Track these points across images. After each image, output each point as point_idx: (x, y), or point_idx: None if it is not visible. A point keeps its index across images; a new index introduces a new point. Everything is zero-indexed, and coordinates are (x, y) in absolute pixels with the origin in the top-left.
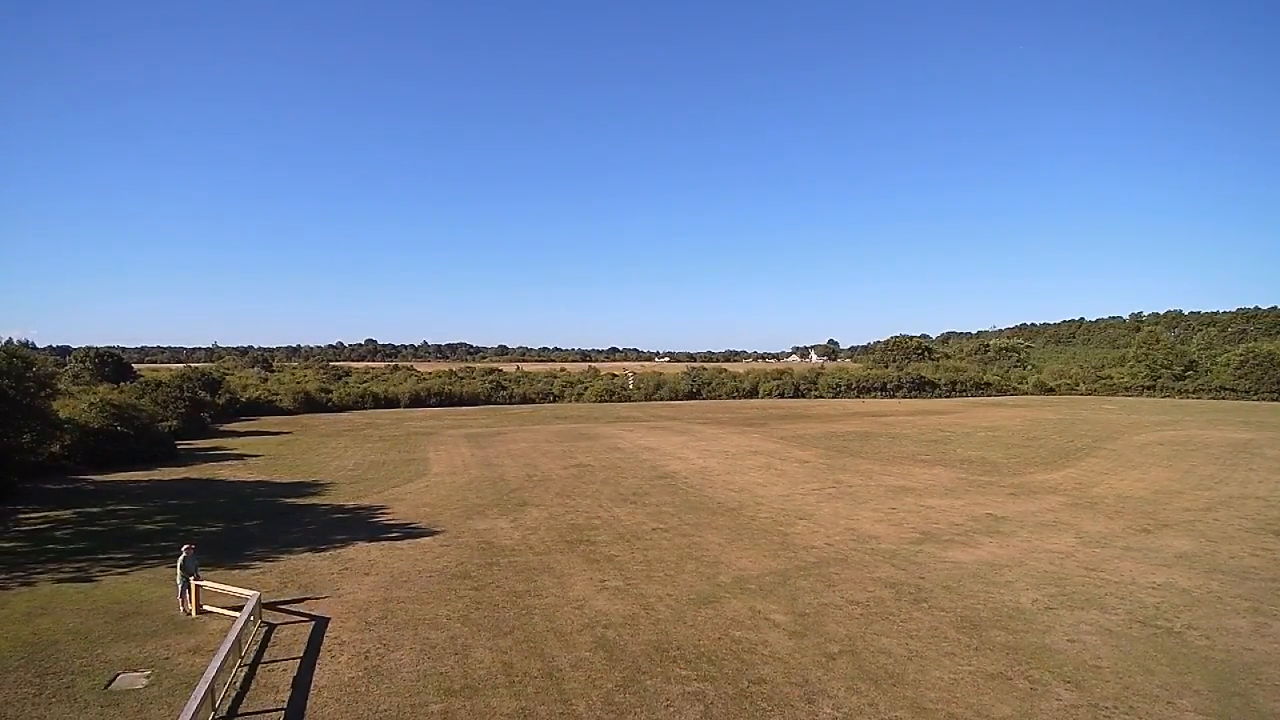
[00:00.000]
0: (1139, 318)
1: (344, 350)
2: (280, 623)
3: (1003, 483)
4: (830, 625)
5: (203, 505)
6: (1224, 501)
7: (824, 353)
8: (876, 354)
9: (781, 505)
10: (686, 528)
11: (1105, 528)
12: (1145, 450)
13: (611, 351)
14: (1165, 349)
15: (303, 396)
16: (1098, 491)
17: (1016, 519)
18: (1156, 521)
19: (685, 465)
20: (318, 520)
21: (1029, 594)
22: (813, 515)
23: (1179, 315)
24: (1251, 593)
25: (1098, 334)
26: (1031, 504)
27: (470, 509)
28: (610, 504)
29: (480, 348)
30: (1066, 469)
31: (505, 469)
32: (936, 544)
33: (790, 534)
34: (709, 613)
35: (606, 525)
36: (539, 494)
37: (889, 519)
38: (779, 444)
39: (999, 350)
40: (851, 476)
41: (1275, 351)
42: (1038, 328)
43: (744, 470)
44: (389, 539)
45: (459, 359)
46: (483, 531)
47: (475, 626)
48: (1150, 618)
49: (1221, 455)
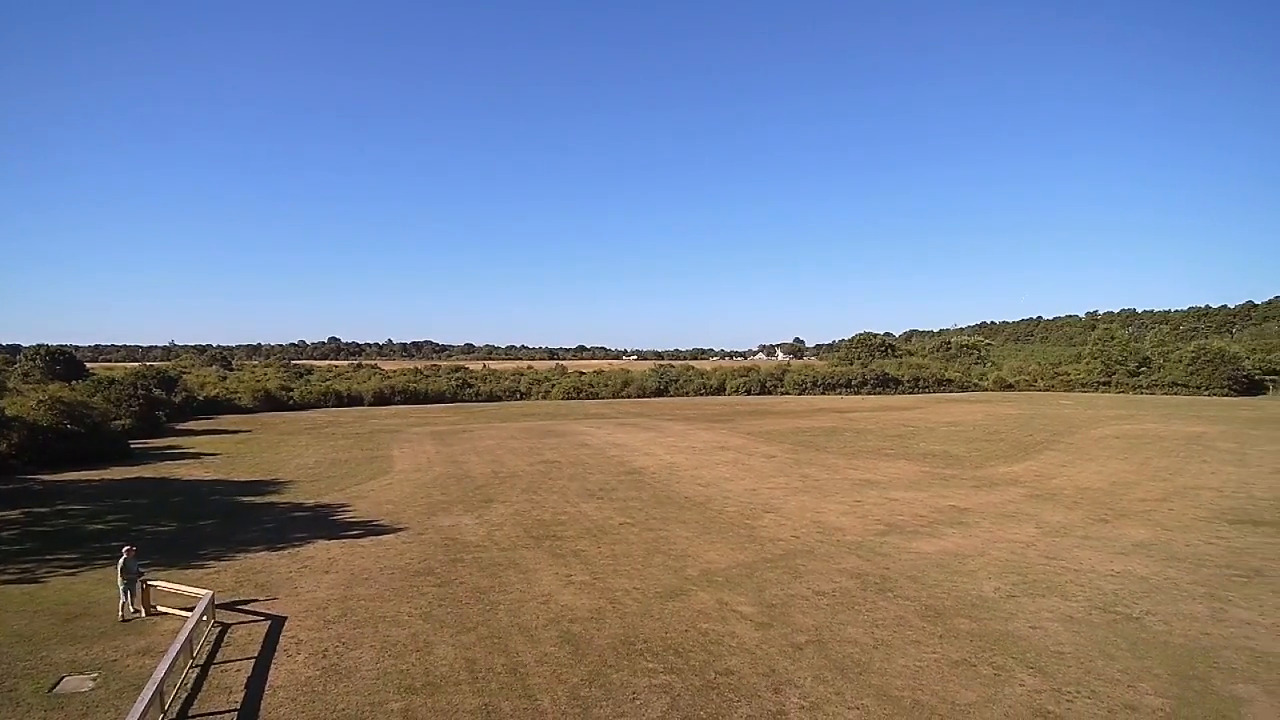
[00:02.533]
0: (1095, 316)
1: (306, 349)
2: (235, 622)
3: (965, 476)
4: (797, 616)
5: (156, 505)
6: (1179, 492)
7: (790, 351)
8: (842, 352)
9: (748, 499)
10: (654, 522)
11: (1064, 518)
12: (1102, 444)
13: (579, 350)
14: (1120, 346)
15: (263, 395)
16: (1057, 483)
17: (979, 510)
18: (1114, 512)
19: (653, 461)
20: (276, 519)
21: (992, 583)
22: (779, 509)
23: (1133, 314)
24: (1207, 579)
25: (1055, 332)
26: (993, 496)
27: (434, 506)
28: (577, 500)
29: (446, 346)
30: (1026, 462)
31: (471, 466)
32: (901, 535)
33: (757, 527)
34: (676, 605)
35: (573, 521)
36: (505, 490)
37: (854, 511)
38: (746, 440)
39: (960, 348)
40: (817, 471)
41: (1225, 349)
42: (998, 326)
43: (711, 465)
44: (350, 537)
45: (425, 357)
46: (447, 528)
47: (438, 623)
48: (1110, 604)
49: (1176, 448)
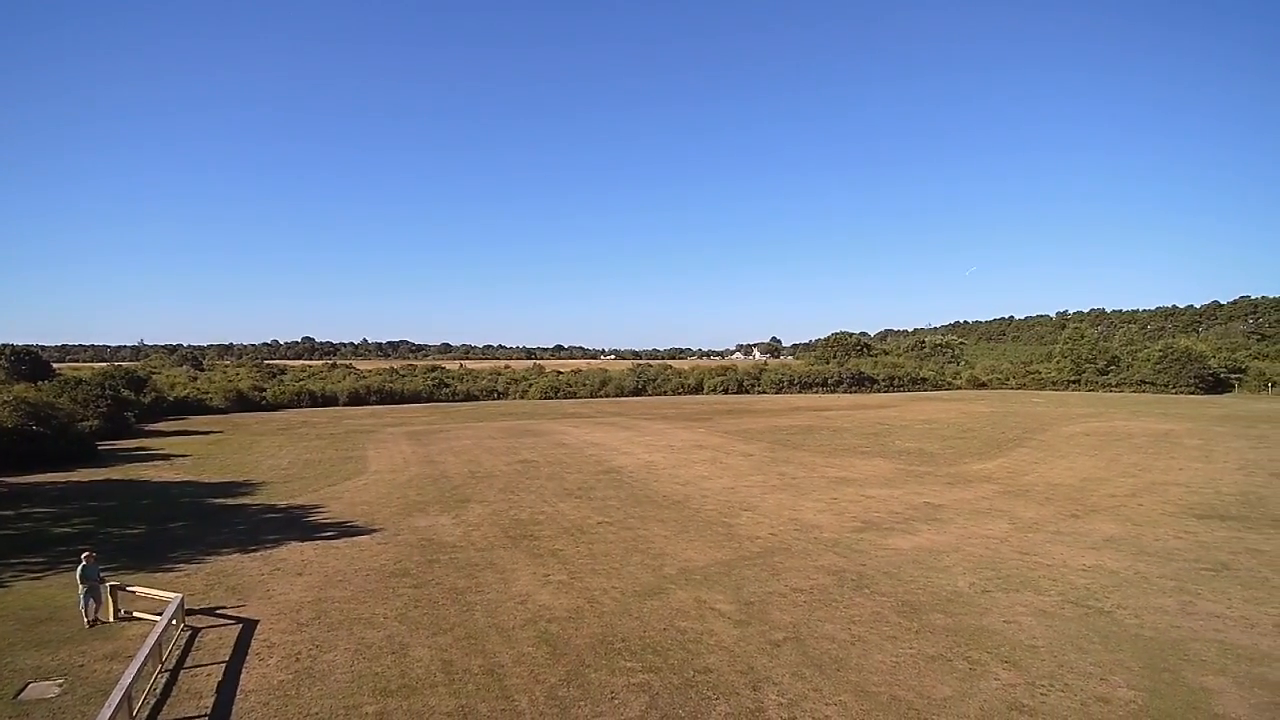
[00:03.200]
0: (1064, 316)
1: (280, 348)
2: (205, 626)
3: (939, 473)
4: (775, 613)
5: (125, 507)
6: (1147, 488)
7: (767, 350)
8: (818, 350)
9: (726, 498)
10: (632, 521)
11: (1036, 514)
12: (1072, 441)
13: (557, 349)
14: (1089, 345)
15: (235, 395)
16: (1029, 480)
17: (953, 507)
18: (1085, 507)
19: (631, 460)
20: (248, 521)
21: (966, 578)
22: (757, 507)
23: (1102, 313)
24: (1176, 573)
25: (1026, 331)
26: (967, 492)
27: (410, 506)
28: (555, 499)
29: (423, 345)
30: (999, 459)
31: (447, 466)
32: (877, 532)
33: (735, 525)
34: (654, 604)
35: (551, 520)
36: (482, 490)
37: (831, 509)
38: (724, 438)
39: (934, 347)
40: (794, 469)
41: (1192, 348)
42: (970, 325)
43: (689, 464)
44: (324, 538)
45: (400, 357)
46: (423, 529)
47: (414, 625)
48: (1082, 598)
49: (1144, 445)
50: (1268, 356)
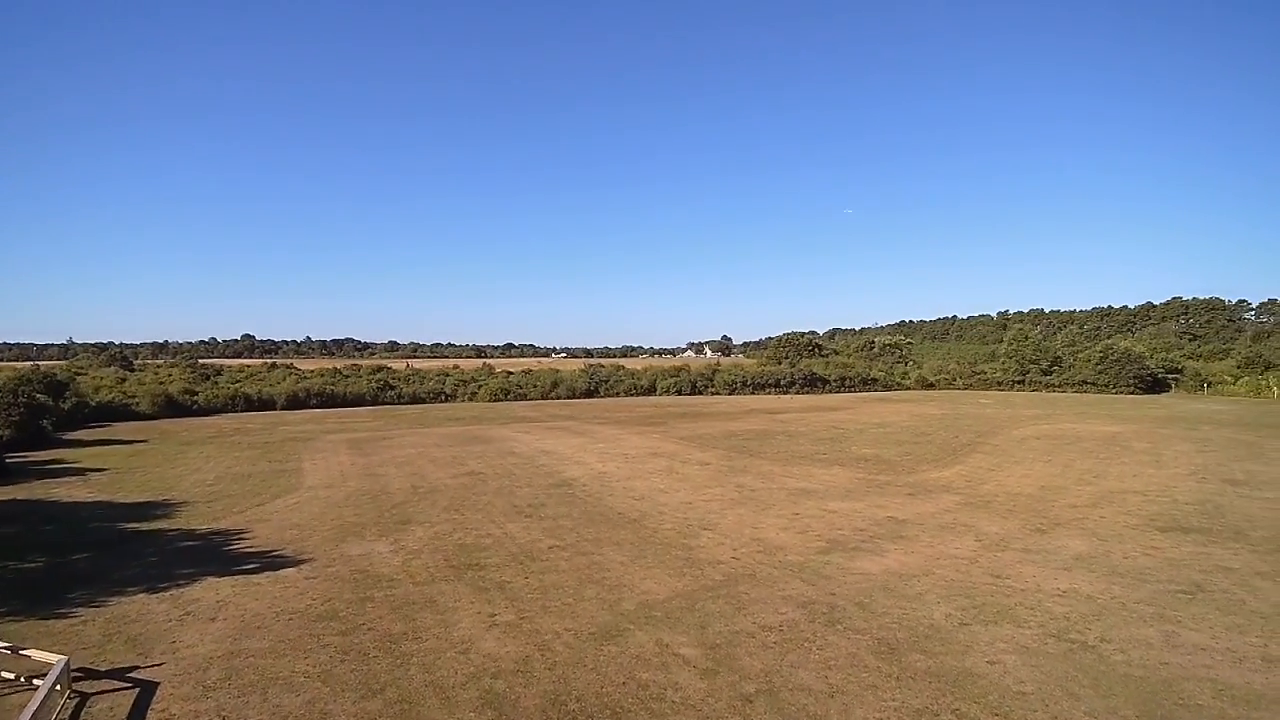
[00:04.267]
0: (1005, 315)
1: (218, 346)
2: (97, 691)
3: (899, 482)
4: (744, 658)
5: (25, 534)
6: (1106, 497)
7: (718, 349)
8: (770, 350)
9: (684, 514)
10: (586, 544)
11: (1002, 528)
12: (1025, 445)
13: (507, 348)
14: (1033, 346)
15: (164, 400)
16: (988, 489)
17: (917, 521)
18: (1048, 520)
19: (584, 470)
20: (162, 550)
21: (941, 608)
22: (717, 525)
23: (1041, 313)
24: (1152, 597)
25: (970, 330)
26: (929, 504)
27: (345, 530)
28: (503, 518)
29: (369, 344)
30: (956, 466)
31: (389, 479)
32: (843, 553)
33: (695, 547)
34: (612, 650)
35: (499, 544)
36: (425, 509)
37: (794, 526)
38: (679, 445)
39: (883, 347)
40: (753, 479)
41: (1131, 349)
42: (916, 325)
43: (645, 475)
44: (245, 572)
45: (346, 355)
46: (357, 558)
47: (339, 685)
48: (1063, 630)
49: (1095, 449)
50: (1201, 356)
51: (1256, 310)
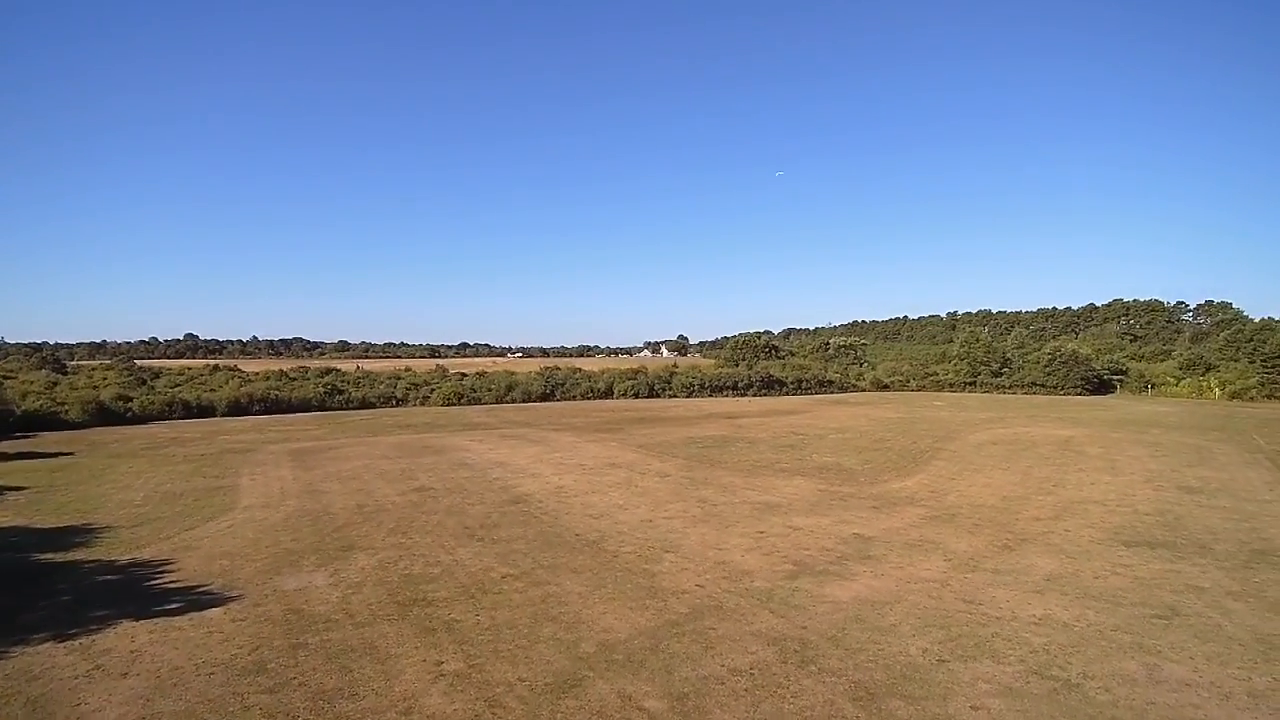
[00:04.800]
0: (955, 316)
1: (159, 347)
2: None
3: (863, 494)
4: (714, 711)
5: None
6: (1068, 508)
7: (675, 348)
8: (727, 351)
9: (645, 534)
10: (542, 572)
11: (969, 545)
12: (982, 451)
13: (462, 347)
14: (984, 348)
15: (95, 407)
16: (951, 500)
17: (884, 539)
18: (1014, 535)
19: (540, 485)
20: (76, 586)
21: (917, 641)
22: (679, 546)
23: (989, 314)
24: (1129, 623)
25: (920, 331)
26: (894, 519)
27: (281, 559)
28: (454, 542)
29: (318, 343)
30: (918, 475)
31: (332, 497)
32: (812, 577)
33: (658, 573)
34: (570, 704)
35: (448, 574)
36: (369, 532)
37: (759, 546)
38: (638, 454)
39: (839, 348)
40: (714, 492)
41: (1078, 350)
42: (868, 325)
43: (603, 489)
44: (166, 613)
45: (293, 356)
46: (292, 594)
47: None
48: (1044, 665)
49: (1050, 455)
50: (1143, 358)
51: (1194, 312)
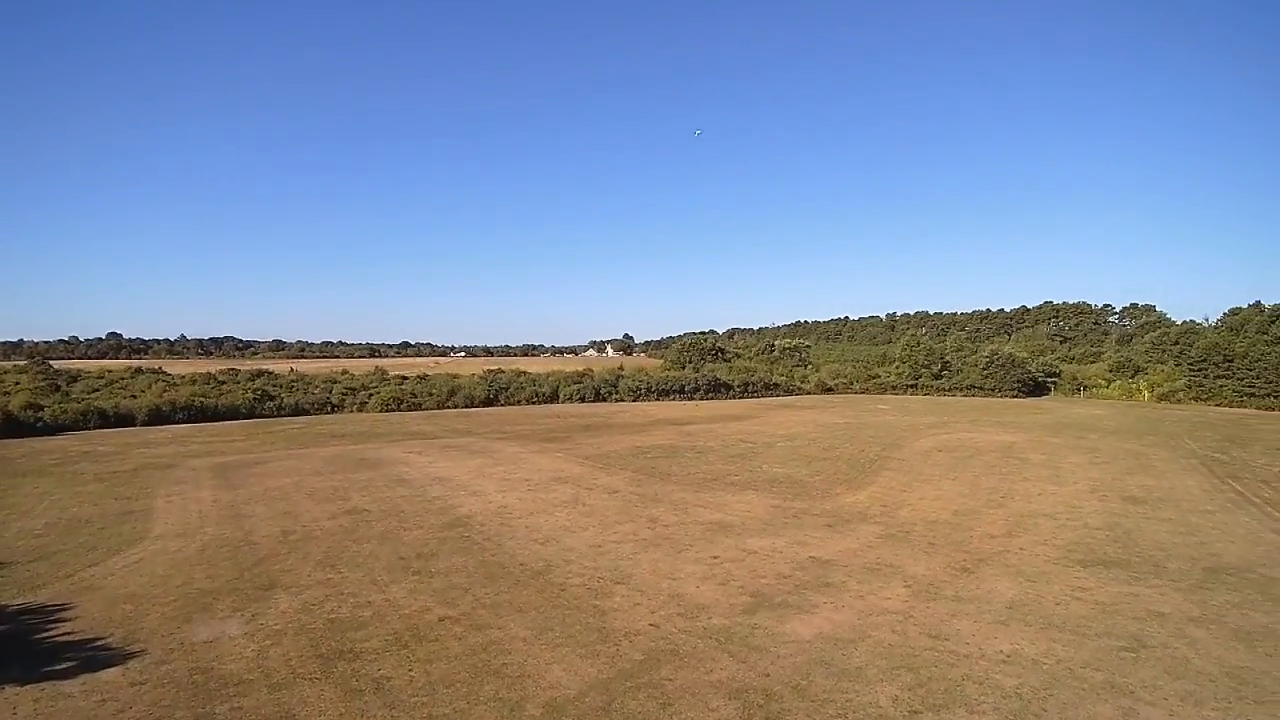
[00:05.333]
0: (894, 317)
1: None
2: None
3: (816, 510)
4: None
5: None
6: (1019, 523)
7: (620, 348)
8: (673, 354)
9: (594, 561)
10: (483, 613)
11: (927, 568)
12: (929, 459)
13: (403, 346)
14: (924, 351)
15: (1, 417)
16: (905, 516)
17: (841, 562)
18: (971, 555)
19: (482, 504)
20: None
21: (886, 687)
22: (631, 576)
23: (926, 315)
24: (1097, 658)
25: (860, 331)
26: (849, 539)
27: (193, 601)
28: (387, 577)
29: (251, 342)
30: (868, 487)
31: (255, 523)
32: (770, 610)
33: (608, 610)
34: None
35: (380, 617)
36: (294, 565)
37: (714, 574)
38: (585, 467)
39: (783, 350)
40: (665, 511)
41: (1014, 354)
42: (811, 325)
43: (549, 508)
44: (56, 675)
45: (224, 356)
46: (201, 647)
47: None
48: (1019, 713)
49: (995, 463)
50: (1074, 360)
51: (1120, 314)
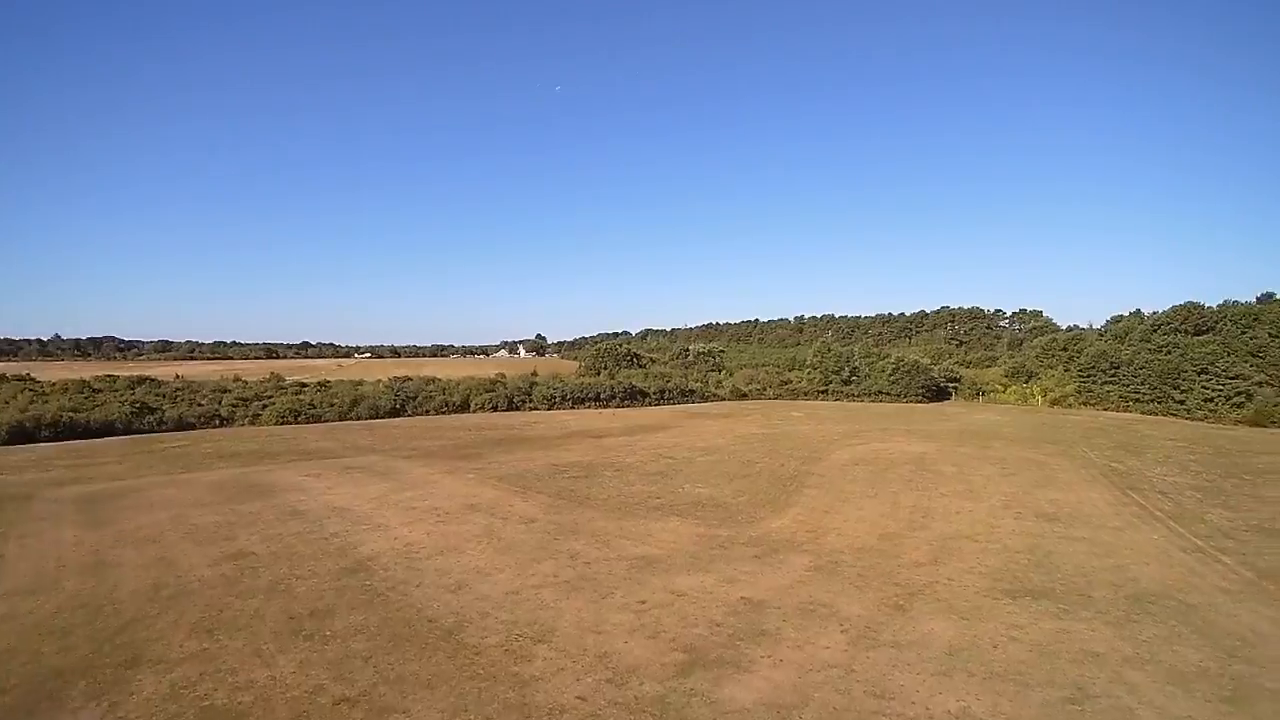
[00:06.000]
0: (802, 320)
1: None
2: None
3: (742, 538)
4: None
5: None
6: (943, 547)
7: (533, 348)
8: (588, 359)
9: (512, 613)
10: (386, 691)
11: (862, 608)
12: (847, 474)
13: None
14: (834, 357)
15: None
16: (831, 543)
17: (773, 603)
18: (902, 589)
19: (386, 542)
20: None
21: None
22: (553, 631)
23: (832, 319)
24: (1044, 714)
25: (771, 333)
26: (779, 573)
27: (38, 687)
28: (275, 645)
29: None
30: (791, 508)
31: (123, 573)
32: (706, 671)
33: (529, 679)
34: None
35: (263, 703)
36: (164, 631)
37: (643, 625)
38: (499, 490)
39: (698, 355)
40: (586, 544)
41: (919, 360)
42: (722, 327)
43: (460, 544)
44: None
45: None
46: None
47: None
48: None
49: (911, 477)
50: (971, 364)
51: (1010, 319)
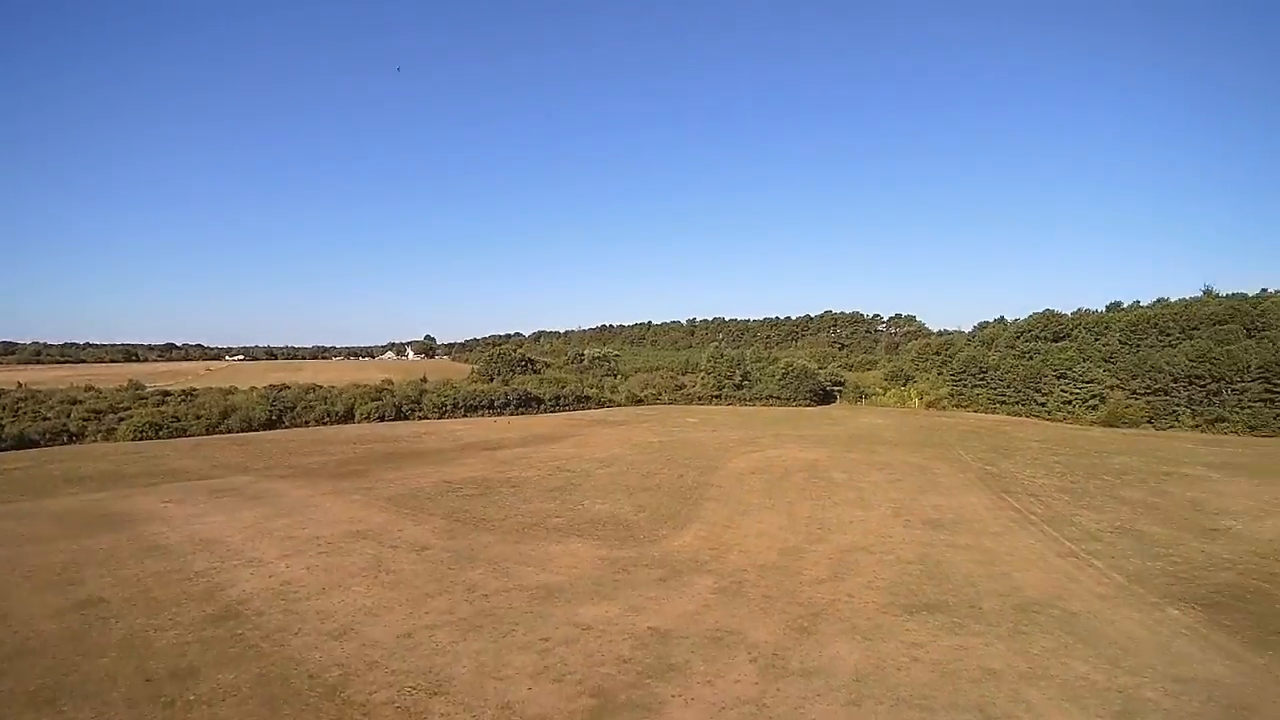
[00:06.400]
0: (694, 323)
1: None
2: None
3: (645, 558)
4: None
5: None
6: (841, 561)
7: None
8: (481, 365)
9: (404, 661)
10: None
11: (768, 633)
12: (744, 484)
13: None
14: (727, 362)
15: None
16: (735, 562)
17: (680, 633)
18: (805, 609)
19: (260, 580)
20: None
21: None
22: (450, 680)
23: (723, 321)
24: None
25: (664, 336)
26: (684, 598)
27: None
28: (128, 716)
29: None
30: (693, 523)
31: None
32: (615, 716)
33: None
34: None
35: None
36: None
37: (548, 668)
38: (387, 513)
39: (593, 360)
40: (484, 573)
41: (807, 366)
42: (616, 329)
43: (345, 579)
44: None
45: None
46: None
47: None
48: None
49: (806, 486)
50: (853, 367)
51: (887, 323)
